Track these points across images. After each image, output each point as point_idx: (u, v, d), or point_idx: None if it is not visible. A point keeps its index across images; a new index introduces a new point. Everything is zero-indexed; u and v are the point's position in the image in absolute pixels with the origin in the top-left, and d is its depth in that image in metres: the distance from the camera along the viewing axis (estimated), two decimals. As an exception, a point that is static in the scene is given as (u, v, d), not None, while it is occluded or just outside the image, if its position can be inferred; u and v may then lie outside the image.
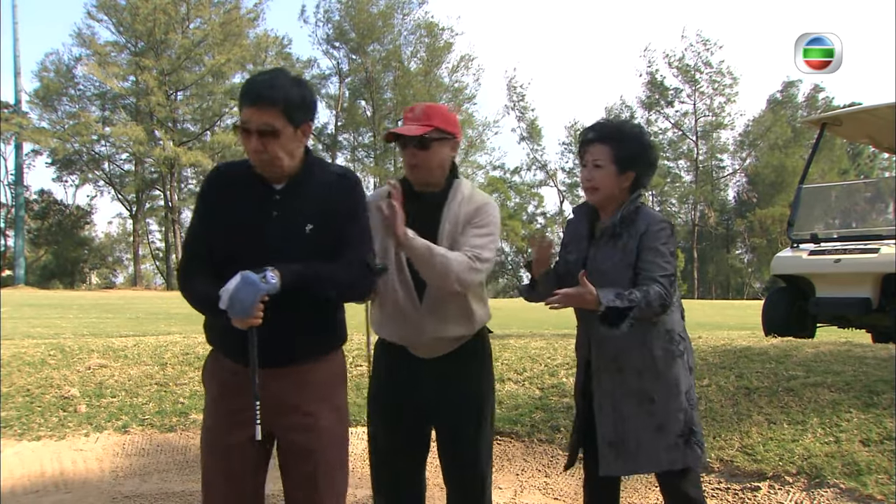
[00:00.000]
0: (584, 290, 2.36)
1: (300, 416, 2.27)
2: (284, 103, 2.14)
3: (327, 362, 2.36)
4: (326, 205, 2.25)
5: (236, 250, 2.19)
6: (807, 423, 4.10)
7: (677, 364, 2.59)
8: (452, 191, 2.70)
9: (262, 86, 2.16)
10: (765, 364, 5.18)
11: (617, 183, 2.62)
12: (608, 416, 2.59)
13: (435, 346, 2.67)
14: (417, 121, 2.63)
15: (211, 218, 2.27)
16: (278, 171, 2.22)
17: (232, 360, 2.27)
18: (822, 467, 3.60)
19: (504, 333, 7.57)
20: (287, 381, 2.26)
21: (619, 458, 2.57)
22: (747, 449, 3.94)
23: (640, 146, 2.65)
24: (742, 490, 3.69)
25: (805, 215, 9.22)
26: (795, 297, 8.30)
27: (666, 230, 2.57)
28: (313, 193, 2.26)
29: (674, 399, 2.56)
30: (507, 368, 5.75)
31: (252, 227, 2.22)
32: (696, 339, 6.50)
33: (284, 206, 2.24)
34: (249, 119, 2.14)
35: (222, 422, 2.28)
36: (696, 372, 2.87)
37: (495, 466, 4.56)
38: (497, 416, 4.95)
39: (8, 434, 4.95)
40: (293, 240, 2.21)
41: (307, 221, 2.23)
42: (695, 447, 2.58)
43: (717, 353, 5.64)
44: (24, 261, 41.09)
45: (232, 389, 2.26)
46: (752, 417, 4.29)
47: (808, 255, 8.13)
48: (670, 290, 2.50)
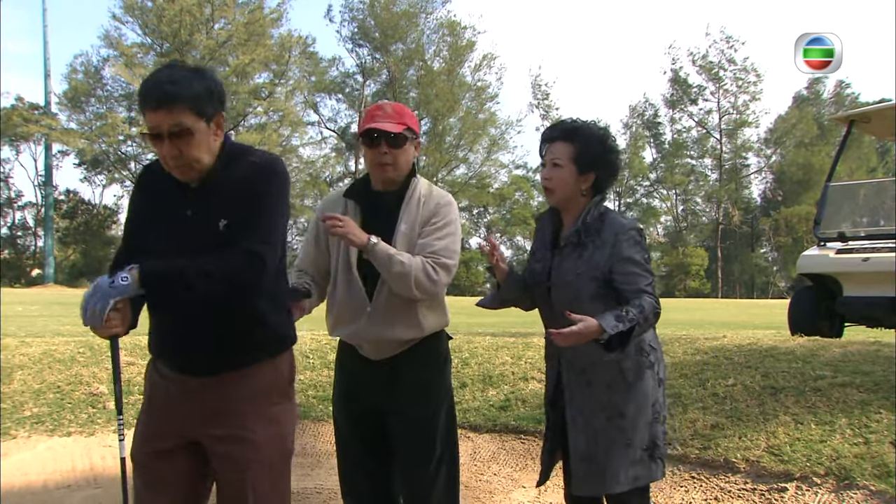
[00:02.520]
0: (582, 325, 2.24)
1: (229, 427, 2.15)
2: (191, 99, 1.98)
3: (261, 370, 2.21)
4: (241, 197, 2.10)
5: (153, 250, 2.10)
6: (835, 423, 4.06)
7: (646, 376, 2.49)
8: (410, 189, 2.69)
9: (162, 85, 1.97)
10: (791, 363, 5.13)
11: (576, 184, 2.50)
12: (580, 431, 2.50)
13: (381, 348, 2.67)
14: (391, 119, 2.62)
15: (136, 216, 2.21)
16: (198, 172, 2.09)
17: (168, 369, 2.20)
18: (852, 469, 3.56)
19: (527, 332, 7.56)
20: (215, 390, 2.15)
21: (588, 475, 2.48)
22: (774, 449, 3.90)
23: (602, 147, 2.52)
24: (769, 491, 3.66)
25: (832, 213, 9.09)
26: (822, 296, 8.19)
27: (635, 237, 2.45)
28: (229, 187, 2.10)
29: (642, 413, 2.47)
30: (531, 367, 5.75)
31: (166, 227, 2.12)
32: (720, 338, 6.45)
33: (198, 204, 2.11)
34: (158, 123, 1.97)
35: (146, 430, 2.21)
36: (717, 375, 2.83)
37: (517, 465, 4.57)
38: (520, 415, 5.00)
39: (40, 430, 5.05)
40: (207, 238, 2.08)
41: (221, 217, 2.09)
42: (658, 461, 2.49)
43: (743, 353, 5.60)
44: (53, 260, 41.73)
45: (161, 398, 2.21)
46: (779, 417, 4.25)
47: (835, 254, 8.02)
48: (656, 297, 2.43)
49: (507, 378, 5.66)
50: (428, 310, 2.69)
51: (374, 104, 2.76)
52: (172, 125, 1.98)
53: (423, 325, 2.67)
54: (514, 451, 4.71)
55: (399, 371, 2.68)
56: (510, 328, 8.39)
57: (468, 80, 50.65)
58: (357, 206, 2.71)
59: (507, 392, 5.42)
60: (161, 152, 2.02)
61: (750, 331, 8.66)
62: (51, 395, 5.57)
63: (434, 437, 2.70)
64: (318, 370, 6.10)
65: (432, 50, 50.66)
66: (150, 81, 2.01)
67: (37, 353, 6.35)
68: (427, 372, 2.73)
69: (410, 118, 2.69)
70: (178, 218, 2.12)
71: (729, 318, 16.07)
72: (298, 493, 4.39)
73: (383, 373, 2.68)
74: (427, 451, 2.69)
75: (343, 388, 2.82)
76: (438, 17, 49.94)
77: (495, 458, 4.71)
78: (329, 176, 50.75)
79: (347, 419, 2.80)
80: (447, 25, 49.59)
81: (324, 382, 5.80)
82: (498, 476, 4.52)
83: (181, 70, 2.05)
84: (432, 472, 2.69)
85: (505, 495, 4.29)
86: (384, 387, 2.68)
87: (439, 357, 2.79)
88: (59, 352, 6.42)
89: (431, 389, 2.72)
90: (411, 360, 2.68)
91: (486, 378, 5.70)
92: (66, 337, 7.23)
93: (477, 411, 5.15)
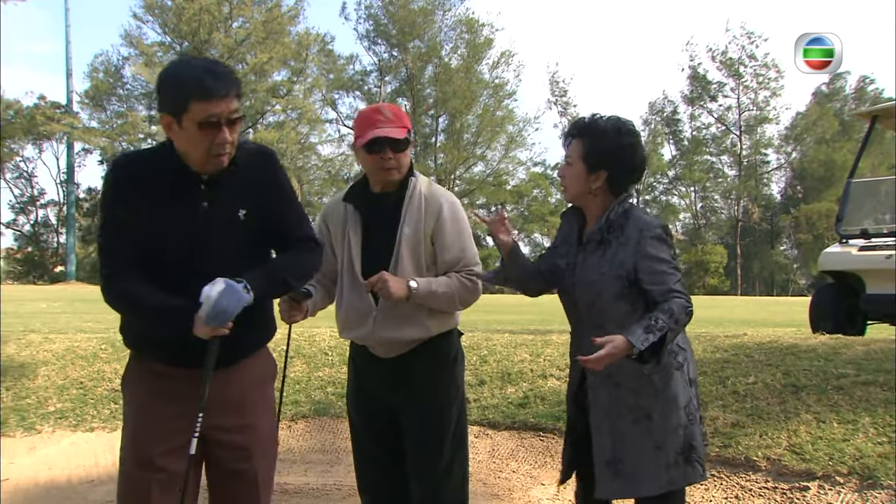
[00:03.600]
0: (611, 346, 2.19)
1: (239, 414, 2.21)
2: (240, 87, 2.07)
3: (262, 356, 2.32)
4: (253, 184, 2.16)
5: (165, 246, 2.09)
6: (858, 422, 4.02)
7: (675, 378, 2.43)
8: (409, 189, 2.67)
9: (218, 75, 2.02)
10: (813, 361, 5.07)
11: (585, 182, 2.45)
12: (606, 434, 2.44)
13: (390, 347, 2.67)
14: (393, 123, 2.59)
15: (131, 213, 2.09)
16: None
17: (164, 363, 2.16)
18: (875, 468, 3.52)
19: (546, 329, 7.55)
20: (228, 380, 2.17)
21: (616, 479, 2.42)
22: (795, 448, 3.87)
23: (613, 145, 2.44)
24: (790, 490, 3.63)
25: (854, 210, 8.99)
26: (844, 293, 8.11)
27: (661, 234, 2.40)
28: (239, 175, 2.14)
29: (673, 415, 2.41)
30: (550, 364, 5.74)
31: (181, 221, 2.10)
32: (740, 336, 6.40)
33: (213, 194, 2.12)
34: (219, 111, 2.00)
35: (152, 428, 2.14)
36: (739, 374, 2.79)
37: (536, 462, 4.57)
38: (539, 412, 4.99)
39: (63, 425, 5.12)
40: (226, 228, 2.13)
41: (240, 207, 2.14)
42: (695, 464, 2.43)
43: (763, 350, 5.55)
44: (74, 257, 42.19)
45: (165, 393, 2.15)
46: (801, 416, 4.21)
47: (857, 251, 7.93)
48: (687, 295, 2.36)
49: (526, 375, 5.65)
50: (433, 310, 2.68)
51: (370, 107, 2.71)
52: (232, 111, 2.02)
53: (429, 325, 2.68)
54: (533, 448, 4.71)
55: (408, 369, 2.68)
56: (529, 325, 8.38)
57: (486, 78, 50.59)
58: (357, 210, 2.71)
59: (526, 389, 5.41)
60: (216, 140, 2.02)
61: (770, 328, 8.59)
62: (74, 391, 5.64)
63: (444, 437, 2.69)
64: (337, 367, 6.13)
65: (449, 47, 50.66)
66: (204, 72, 2.01)
67: (60, 349, 6.44)
68: (436, 370, 2.73)
69: (407, 119, 2.68)
70: (194, 211, 2.11)
71: (749, 315, 15.93)
72: (318, 489, 4.42)
73: (392, 371, 2.69)
74: (436, 450, 2.68)
75: (356, 386, 2.84)
76: (456, 15, 49.95)
77: (514, 455, 4.71)
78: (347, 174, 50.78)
79: (361, 417, 2.82)
80: (465, 23, 49.54)
81: (342, 379, 5.82)
82: (517, 473, 4.52)
83: (211, 61, 2.12)
84: (442, 472, 2.69)
85: (524, 492, 4.29)
86: (394, 385, 2.69)
87: (449, 355, 2.78)
88: (82, 348, 6.50)
89: (440, 388, 2.72)
90: (420, 359, 2.68)
91: (504, 375, 5.70)
92: (89, 333, 7.31)
93: (496, 408, 5.15)
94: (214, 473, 2.26)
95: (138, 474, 2.13)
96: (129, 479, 2.17)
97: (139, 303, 2.09)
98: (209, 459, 2.23)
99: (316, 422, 5.32)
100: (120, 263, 2.10)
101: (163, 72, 2.11)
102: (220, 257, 2.12)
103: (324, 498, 4.30)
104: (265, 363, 2.35)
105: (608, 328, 2.35)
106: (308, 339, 6.74)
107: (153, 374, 2.18)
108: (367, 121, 2.61)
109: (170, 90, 2.03)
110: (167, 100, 2.04)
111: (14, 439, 4.89)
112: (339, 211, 2.75)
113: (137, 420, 2.20)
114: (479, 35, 49.77)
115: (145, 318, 2.15)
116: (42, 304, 15.47)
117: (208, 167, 2.09)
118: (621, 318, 2.39)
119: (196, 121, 1.99)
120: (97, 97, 44.84)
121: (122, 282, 2.10)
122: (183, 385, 2.12)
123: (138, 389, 2.22)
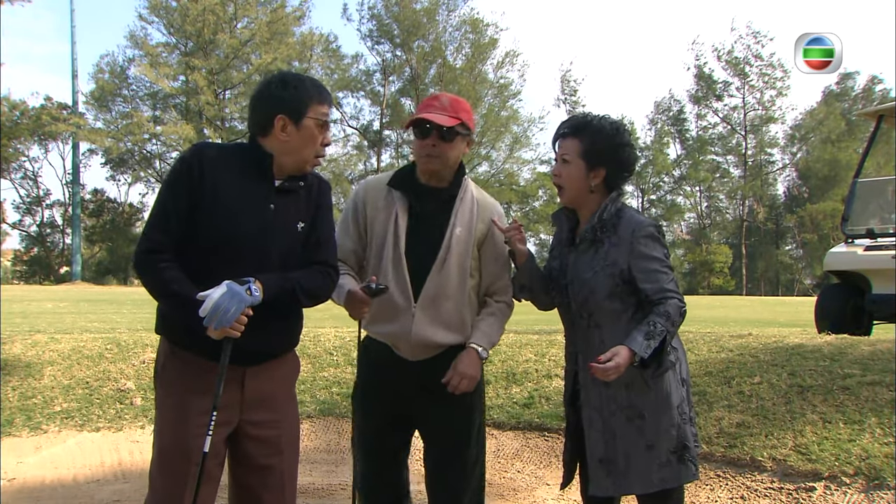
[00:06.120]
0: (618, 359, 2.23)
1: (271, 410, 2.30)
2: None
3: (292, 354, 2.43)
4: (313, 204, 2.34)
5: (232, 235, 2.17)
6: (864, 422, 4.00)
7: (668, 377, 2.44)
8: (462, 189, 2.64)
9: (321, 83, 2.31)
10: (818, 362, 5.06)
11: (585, 180, 2.48)
12: (598, 432, 2.46)
13: (420, 348, 2.60)
14: (445, 111, 2.56)
15: (200, 198, 2.16)
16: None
17: (203, 357, 2.19)
18: (882, 469, 3.52)
19: (551, 329, 7.53)
20: (261, 377, 2.27)
21: (609, 476, 2.44)
22: (801, 448, 3.86)
23: (612, 142, 2.48)
24: (796, 490, 3.62)
25: (860, 210, 8.97)
26: (850, 293, 8.09)
27: (654, 233, 2.42)
28: (303, 191, 2.32)
29: (664, 414, 2.42)
30: (554, 364, 5.74)
31: (254, 215, 2.20)
32: (745, 336, 6.39)
33: (281, 200, 2.26)
34: (327, 114, 2.28)
35: (193, 423, 2.16)
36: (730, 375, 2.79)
37: (541, 462, 4.57)
38: (543, 413, 4.99)
39: (70, 425, 5.13)
40: (286, 234, 2.27)
41: (299, 219, 2.30)
42: (688, 463, 2.44)
43: (769, 351, 5.54)
44: (80, 257, 42.31)
45: (199, 387, 2.18)
46: (806, 416, 4.20)
47: (863, 251, 7.92)
48: (680, 294, 2.39)
49: (531, 375, 5.65)
50: (470, 314, 2.65)
51: (432, 94, 2.70)
52: (328, 117, 2.31)
53: (467, 329, 2.63)
54: (538, 448, 4.71)
55: (435, 374, 2.59)
56: (534, 325, 8.37)
57: (490, 78, 50.55)
58: (404, 197, 2.63)
59: (531, 389, 5.41)
60: (321, 141, 2.29)
61: (776, 328, 8.57)
62: (80, 391, 5.65)
63: (469, 440, 2.67)
64: (342, 367, 6.13)
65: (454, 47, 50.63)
66: (314, 80, 2.33)
67: (66, 349, 6.45)
68: None
69: (466, 113, 2.59)
70: (263, 208, 2.23)
71: (754, 315, 15.90)
72: (324, 488, 4.43)
73: (416, 374, 2.61)
74: (462, 453, 2.67)
75: (366, 387, 2.71)
76: (460, 15, 49.92)
77: (519, 455, 4.70)
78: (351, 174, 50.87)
79: (366, 417, 2.74)
80: (469, 23, 49.49)
81: (346, 379, 5.83)
82: (522, 473, 4.52)
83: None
84: (467, 474, 2.67)
85: (529, 493, 4.29)
86: (416, 389, 2.62)
87: None
88: (88, 348, 6.51)
89: (469, 393, 2.63)
90: (448, 364, 2.59)
91: (509, 375, 5.70)
92: (95, 334, 7.33)
93: (500, 408, 5.15)
94: (243, 470, 2.31)
95: (180, 466, 2.17)
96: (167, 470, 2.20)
97: (165, 284, 2.14)
98: (237, 455, 2.29)
99: (321, 422, 5.33)
100: (165, 239, 2.16)
101: (278, 79, 2.28)
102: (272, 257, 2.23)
103: (329, 498, 4.30)
104: (293, 363, 2.45)
105: (601, 326, 2.41)
106: (312, 339, 6.75)
107: (189, 366, 2.23)
108: (423, 105, 2.63)
109: (292, 93, 2.23)
110: (286, 102, 2.22)
111: (20, 439, 4.90)
112: (380, 194, 2.67)
113: (172, 415, 2.23)
114: (483, 35, 49.75)
115: (166, 299, 2.20)
116: (48, 305, 15.52)
117: (308, 167, 2.30)
118: (613, 315, 2.43)
119: (314, 120, 2.24)
120: (102, 98, 44.91)
121: (159, 258, 2.15)
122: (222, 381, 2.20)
123: (175, 382, 2.25)
